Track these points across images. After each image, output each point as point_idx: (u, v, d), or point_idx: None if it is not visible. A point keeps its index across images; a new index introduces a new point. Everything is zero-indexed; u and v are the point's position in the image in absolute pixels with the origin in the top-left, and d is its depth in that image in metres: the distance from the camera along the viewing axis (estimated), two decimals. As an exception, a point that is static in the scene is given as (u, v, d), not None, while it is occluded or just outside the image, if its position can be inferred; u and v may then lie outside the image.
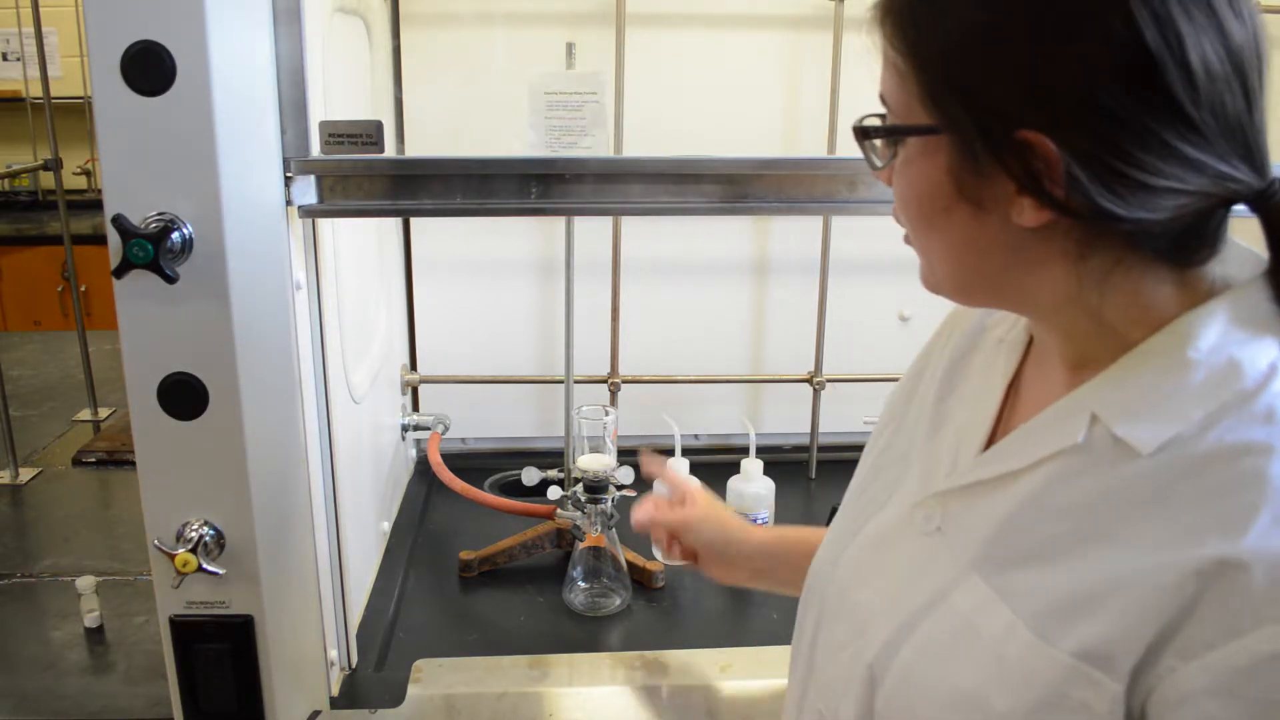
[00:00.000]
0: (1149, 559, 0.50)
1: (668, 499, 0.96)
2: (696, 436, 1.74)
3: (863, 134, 0.59)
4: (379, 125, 0.87)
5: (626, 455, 1.31)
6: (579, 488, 1.24)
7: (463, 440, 1.72)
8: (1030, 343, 0.65)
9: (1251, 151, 0.52)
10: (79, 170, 3.55)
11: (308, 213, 0.89)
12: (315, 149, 0.86)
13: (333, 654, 1.02)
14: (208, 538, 0.84)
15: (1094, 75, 0.50)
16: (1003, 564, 0.56)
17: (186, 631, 0.88)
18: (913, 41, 0.55)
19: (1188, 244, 0.54)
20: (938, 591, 0.59)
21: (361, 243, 1.29)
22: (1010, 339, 0.67)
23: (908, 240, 0.62)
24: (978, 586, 0.57)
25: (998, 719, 0.54)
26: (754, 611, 1.28)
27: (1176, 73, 0.49)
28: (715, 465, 1.51)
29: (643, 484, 1.30)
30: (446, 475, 1.40)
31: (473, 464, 1.62)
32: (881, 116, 0.59)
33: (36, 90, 2.25)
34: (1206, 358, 0.53)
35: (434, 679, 1.05)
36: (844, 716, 0.64)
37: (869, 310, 1.70)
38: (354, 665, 1.07)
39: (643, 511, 0.93)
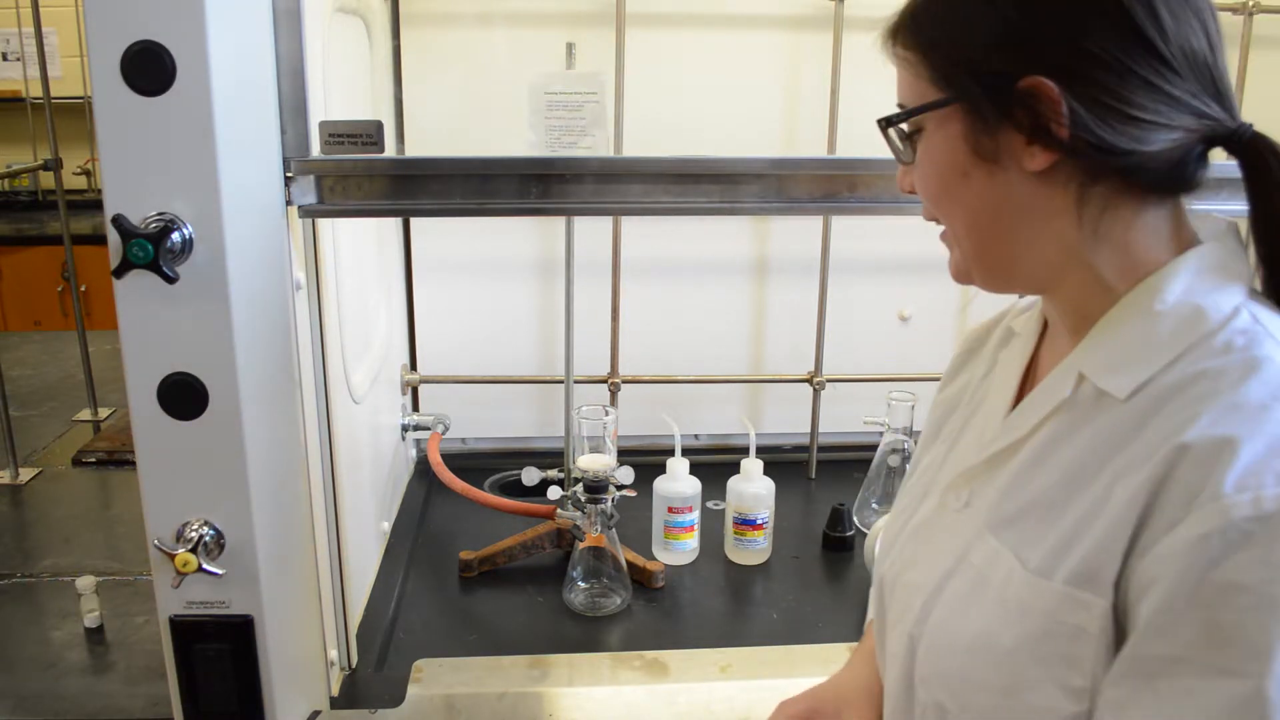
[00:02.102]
0: (1120, 482, 0.56)
1: None
2: (696, 436, 1.74)
3: (886, 123, 0.66)
4: (379, 125, 0.87)
5: (626, 455, 1.31)
6: (579, 488, 1.24)
7: (463, 440, 1.72)
8: (1045, 330, 0.72)
9: (1221, 94, 0.59)
10: (79, 170, 3.55)
11: (308, 213, 0.89)
12: (315, 149, 0.86)
13: (333, 654, 1.02)
14: (208, 538, 0.84)
15: (1077, 22, 0.57)
16: (1009, 519, 0.62)
17: (186, 631, 0.88)
18: (922, 38, 0.63)
19: (1172, 179, 0.60)
20: (959, 554, 0.65)
21: (361, 243, 1.29)
22: (1026, 330, 0.73)
23: (944, 238, 0.68)
24: (988, 542, 0.63)
25: (1006, 654, 0.59)
26: (754, 611, 1.28)
27: (1145, 14, 0.57)
28: (715, 465, 1.51)
29: (643, 484, 1.30)
30: (446, 475, 1.40)
31: (473, 464, 1.62)
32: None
33: (36, 90, 2.25)
34: (1173, 308, 0.59)
35: (434, 679, 1.05)
36: (892, 684, 0.71)
37: (869, 310, 1.70)
38: (354, 665, 1.07)
39: None
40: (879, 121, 0.67)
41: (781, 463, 1.63)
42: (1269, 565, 0.50)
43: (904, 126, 0.66)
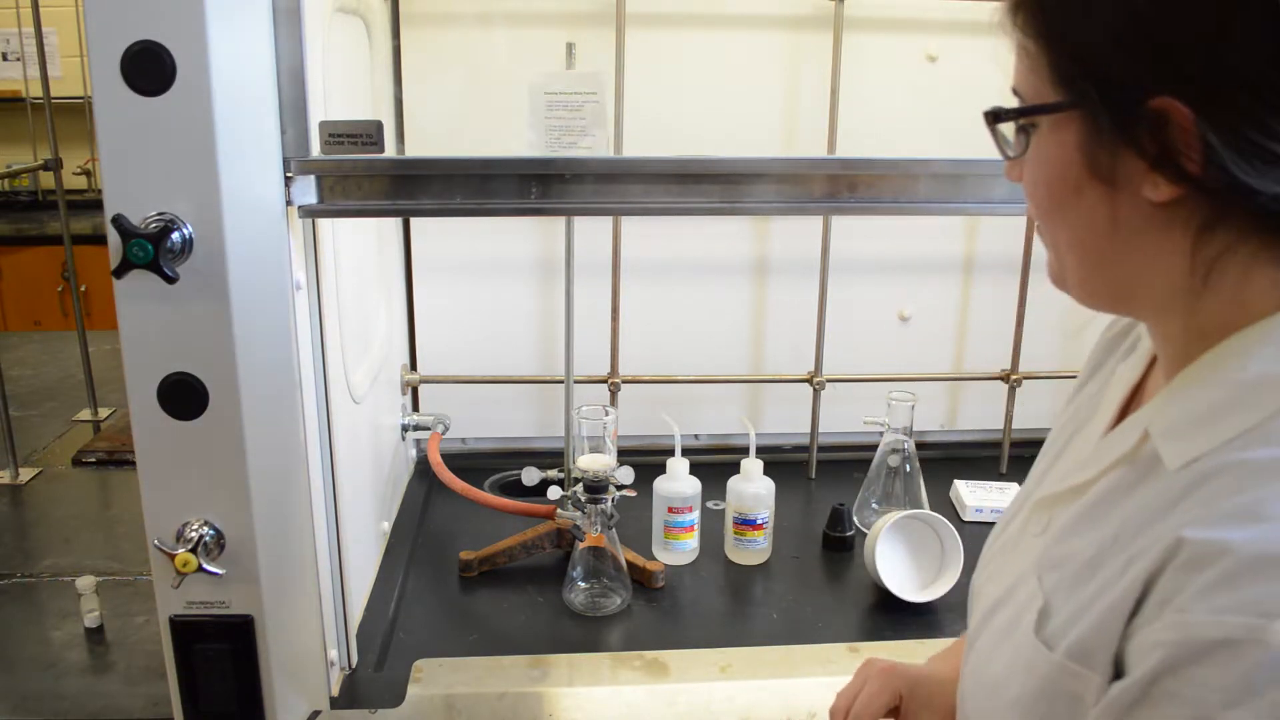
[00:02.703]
0: (1137, 562, 0.52)
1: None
2: (696, 436, 1.74)
3: (994, 117, 0.59)
4: (379, 125, 0.87)
5: (626, 455, 1.31)
6: (579, 488, 1.24)
7: (463, 440, 1.72)
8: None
9: None
10: (79, 170, 3.55)
11: (308, 213, 0.89)
12: (315, 149, 0.86)
13: (333, 654, 1.02)
14: (208, 538, 0.84)
15: (1227, 40, 0.48)
16: (1055, 564, 0.60)
17: (186, 631, 0.88)
18: (1043, 23, 0.55)
19: None
20: (1009, 588, 0.64)
21: (361, 243, 1.29)
22: (1141, 348, 0.67)
23: (1040, 235, 0.62)
24: (1030, 582, 0.60)
25: (1010, 703, 0.58)
26: (754, 611, 1.28)
27: None
28: (715, 465, 1.51)
29: (643, 484, 1.30)
30: (446, 475, 1.40)
31: (473, 464, 1.62)
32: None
33: (36, 90, 2.25)
34: (1254, 376, 0.52)
35: (434, 679, 1.05)
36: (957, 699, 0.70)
37: (869, 310, 1.70)
38: (354, 665, 1.07)
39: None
40: (986, 114, 0.59)
41: (781, 463, 1.63)
42: (1212, 689, 0.46)
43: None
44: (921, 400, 1.38)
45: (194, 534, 0.83)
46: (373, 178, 0.89)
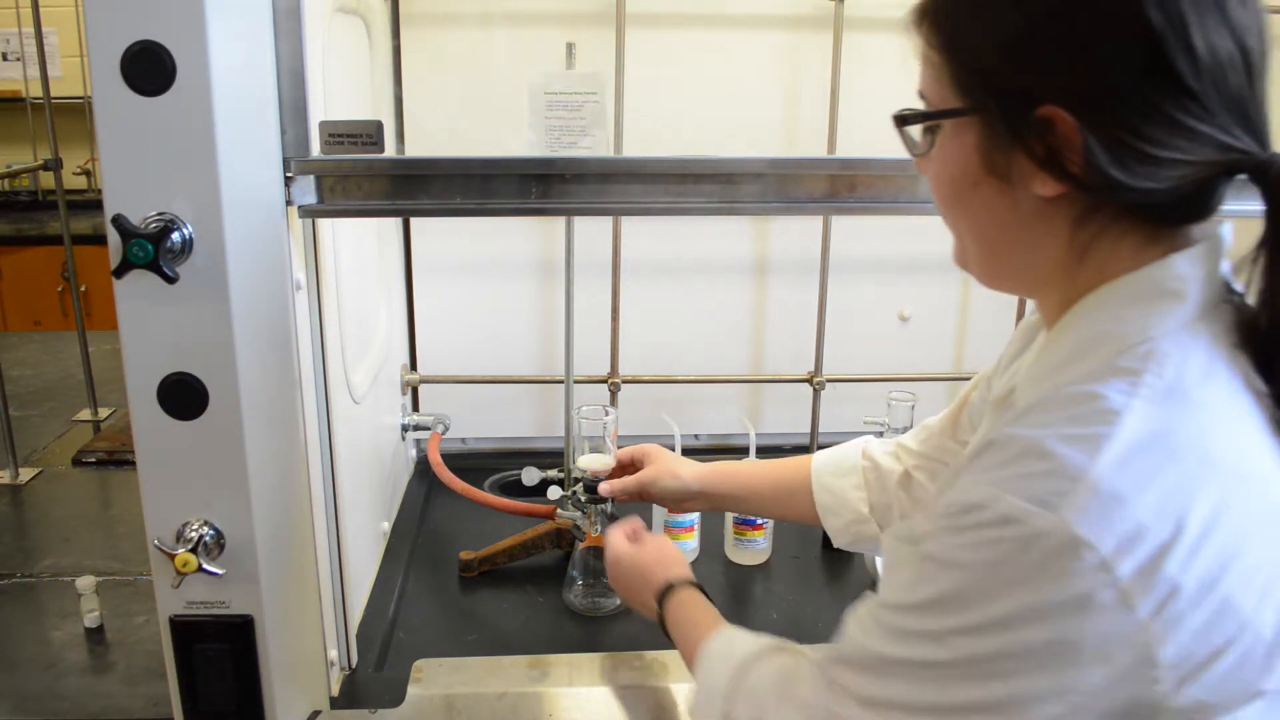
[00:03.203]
0: None
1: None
2: (696, 436, 1.74)
3: (901, 120, 0.66)
4: (379, 125, 0.87)
5: (626, 455, 1.31)
6: (579, 488, 1.24)
7: (463, 440, 1.72)
8: None
9: (1253, 122, 0.57)
10: (79, 170, 3.55)
11: (308, 213, 0.89)
12: (315, 149, 0.86)
13: (333, 654, 1.02)
14: (208, 538, 0.84)
15: (1105, 54, 0.55)
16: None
17: (186, 631, 0.88)
18: (946, 35, 0.62)
19: (1181, 211, 0.59)
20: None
21: (361, 243, 1.29)
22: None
23: (945, 222, 0.69)
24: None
25: None
26: (754, 611, 1.28)
27: (1180, 51, 0.54)
28: (715, 465, 1.51)
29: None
30: (446, 475, 1.40)
31: (473, 464, 1.62)
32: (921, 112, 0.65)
33: (36, 90, 2.25)
34: (1093, 335, 0.60)
35: (434, 679, 1.05)
36: None
37: (869, 310, 1.70)
38: (354, 665, 1.07)
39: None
40: (894, 117, 0.66)
41: (781, 463, 1.62)
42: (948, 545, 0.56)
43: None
44: (921, 400, 1.38)
45: (194, 534, 0.83)
46: (373, 178, 0.89)
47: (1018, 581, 0.52)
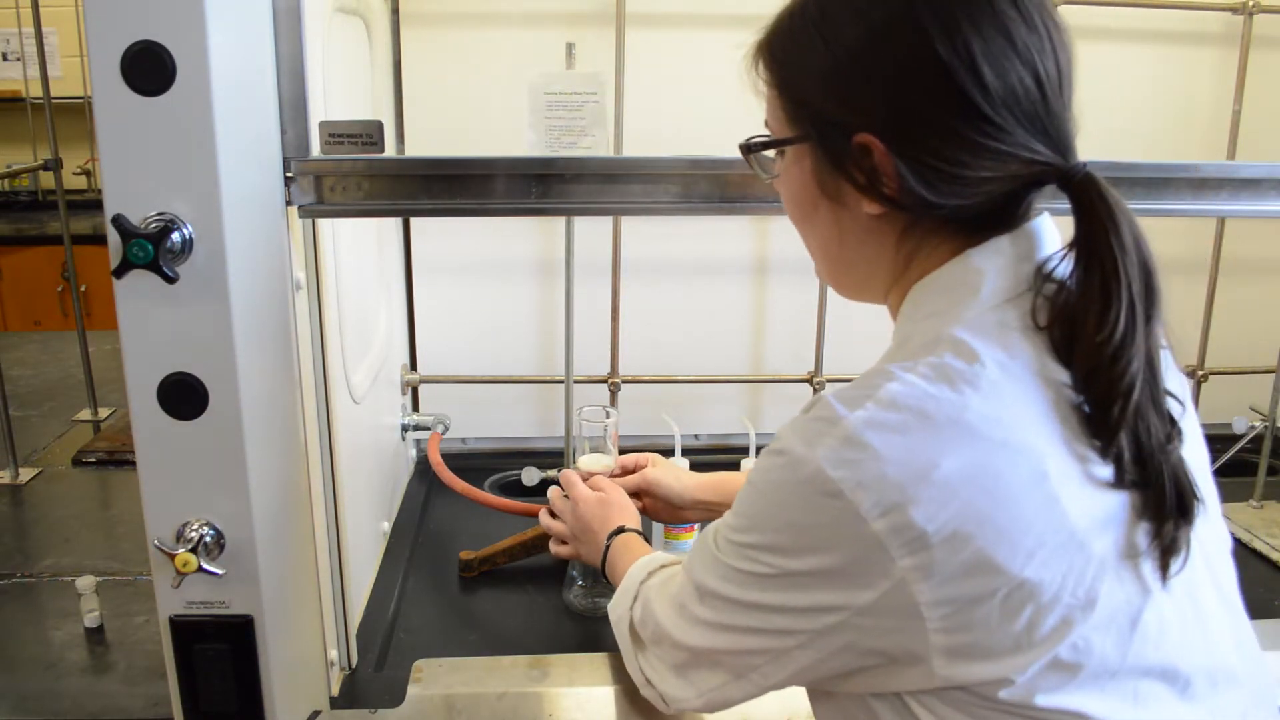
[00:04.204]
0: None
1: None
2: (697, 436, 1.74)
3: (746, 149, 0.75)
4: (379, 125, 0.87)
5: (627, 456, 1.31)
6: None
7: (463, 440, 1.72)
8: None
9: (1053, 138, 0.62)
10: (79, 170, 3.55)
11: (308, 213, 0.89)
12: (315, 149, 0.86)
13: (333, 654, 1.02)
14: (208, 538, 0.84)
15: (904, 87, 0.62)
16: None
17: (186, 631, 0.88)
18: (775, 72, 0.70)
19: (992, 220, 0.66)
20: None
21: (361, 243, 1.29)
22: None
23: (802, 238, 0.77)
24: None
25: None
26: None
27: (971, 81, 0.60)
28: (715, 465, 1.50)
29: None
30: (447, 475, 1.40)
31: (473, 464, 1.62)
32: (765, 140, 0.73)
33: (36, 90, 2.25)
34: (903, 331, 0.69)
35: (434, 679, 1.05)
36: None
37: (869, 309, 1.69)
38: (354, 665, 1.07)
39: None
40: (740, 146, 0.74)
41: (782, 463, 1.63)
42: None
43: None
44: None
45: (194, 534, 0.83)
46: (373, 178, 0.89)
47: (788, 505, 0.63)
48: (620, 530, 1.07)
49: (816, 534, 0.61)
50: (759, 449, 1.38)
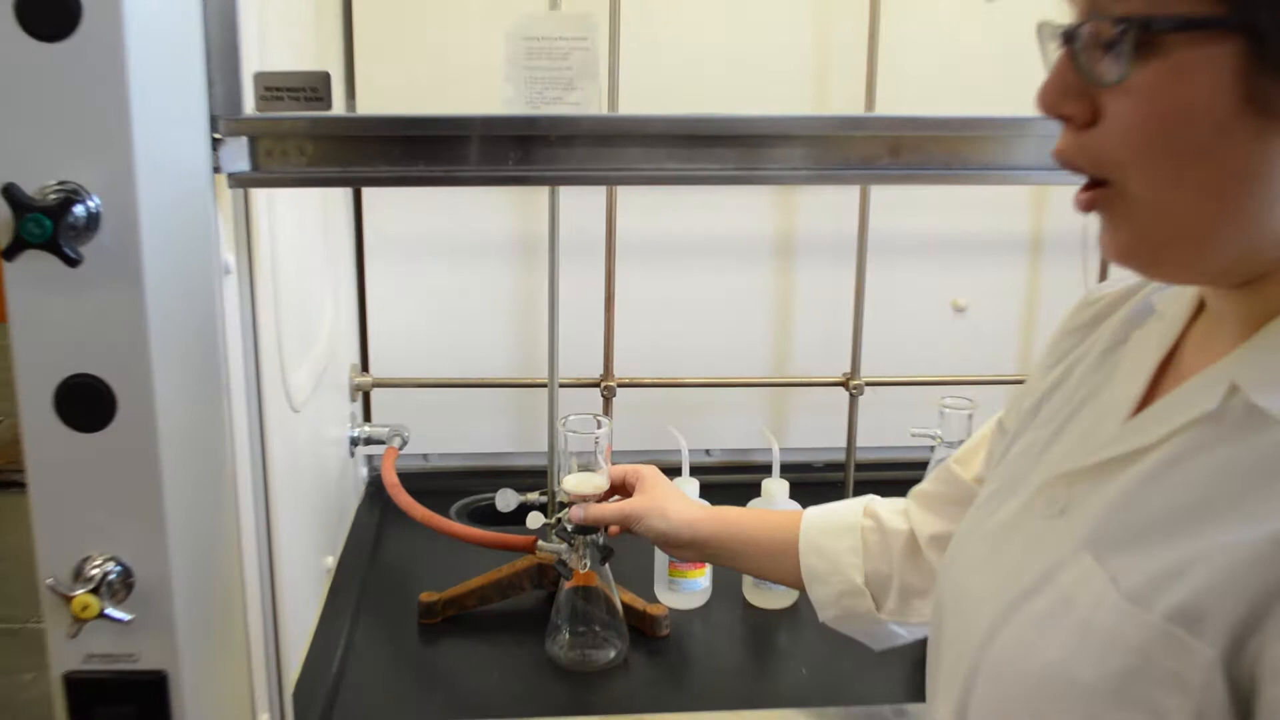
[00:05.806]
0: (1257, 527, 0.53)
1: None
2: (708, 452, 1.75)
3: (1093, 35, 0.56)
4: (325, 77, 0.88)
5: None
6: (565, 515, 1.24)
7: (424, 457, 1.73)
8: (1196, 317, 0.69)
9: None
10: (-41, 129, 3.55)
11: (239, 182, 0.90)
12: (249, 105, 0.87)
13: (264, 717, 1.02)
14: (113, 576, 0.84)
15: None
16: (1115, 542, 0.61)
17: (85, 691, 0.88)
18: None
19: None
20: (1045, 573, 0.65)
21: (304, 219, 1.30)
22: (1173, 311, 0.70)
23: (1097, 205, 0.63)
24: (1083, 562, 0.62)
25: (1083, 692, 0.58)
26: (778, 665, 1.29)
27: None
28: (731, 486, 1.51)
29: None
30: (404, 499, 1.40)
31: (437, 485, 1.63)
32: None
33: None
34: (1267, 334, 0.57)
35: (389, 747, 1.05)
36: (940, 712, 0.72)
37: (916, 299, 1.70)
38: (292, 730, 1.08)
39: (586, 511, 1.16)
40: (1067, 32, 0.58)
41: (811, 483, 1.62)
42: None
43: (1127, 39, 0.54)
44: (980, 407, 1.38)
45: (96, 571, 0.83)
46: (318, 140, 0.89)
47: None
48: None
49: None
50: (784, 468, 1.38)
